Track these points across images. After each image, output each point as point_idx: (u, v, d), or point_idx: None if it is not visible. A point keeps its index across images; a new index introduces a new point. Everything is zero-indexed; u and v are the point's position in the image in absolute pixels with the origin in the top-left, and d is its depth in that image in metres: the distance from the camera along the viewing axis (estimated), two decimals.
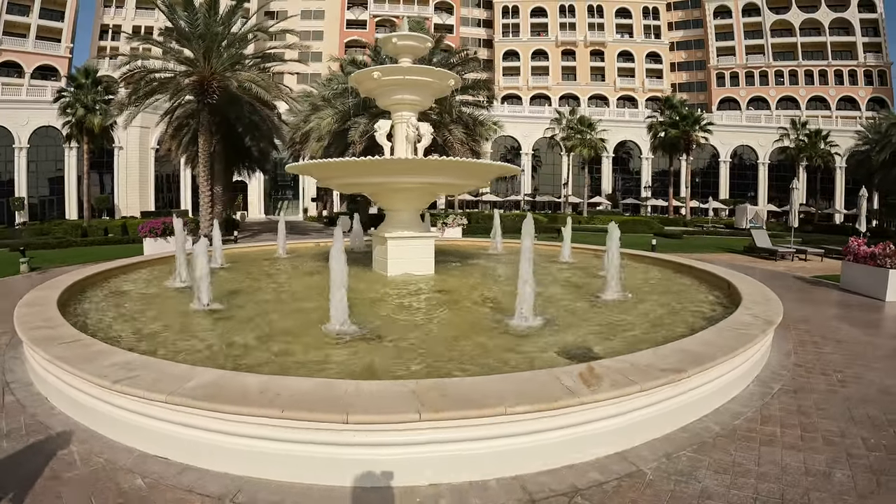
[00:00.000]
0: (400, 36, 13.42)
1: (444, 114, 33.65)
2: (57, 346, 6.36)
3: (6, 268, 21.87)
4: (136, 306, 10.33)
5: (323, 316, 8.09)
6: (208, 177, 35.02)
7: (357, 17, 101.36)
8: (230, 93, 33.75)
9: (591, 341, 7.36)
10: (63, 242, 33.57)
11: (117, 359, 5.75)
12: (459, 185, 14.46)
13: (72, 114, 49.33)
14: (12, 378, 7.40)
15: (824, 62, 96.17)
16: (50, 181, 69.57)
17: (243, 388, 4.87)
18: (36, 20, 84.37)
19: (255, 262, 16.45)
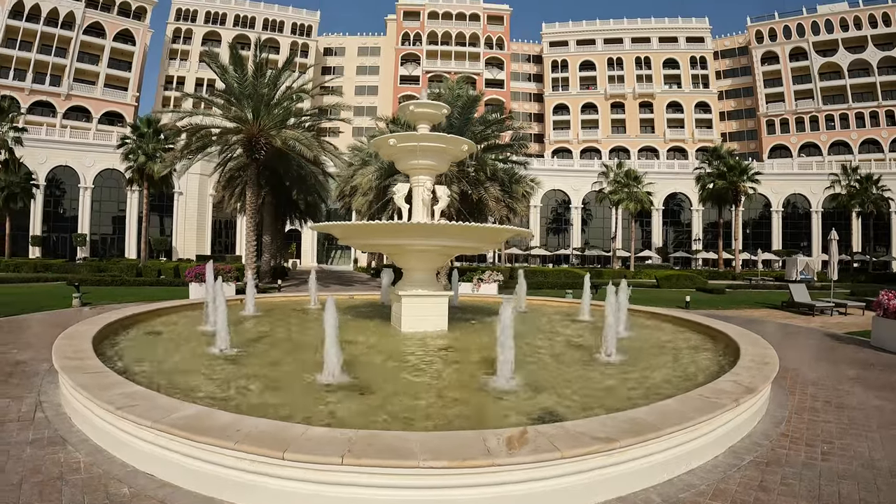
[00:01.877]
0: (417, 104, 14.21)
1: (480, 171, 34.11)
2: (81, 375, 7.52)
3: (61, 301, 23.49)
4: (162, 346, 11.43)
5: (320, 367, 8.66)
6: (255, 228, 36.36)
7: (410, 72, 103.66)
8: (277, 149, 35.10)
9: (561, 404, 7.59)
10: (117, 280, 34.98)
11: (126, 390, 6.85)
12: (472, 247, 14.95)
13: (134, 160, 52.10)
14: (45, 398, 8.67)
15: (874, 103, 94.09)
16: (112, 220, 73.61)
17: (215, 422, 5.70)
18: (105, 69, 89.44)
19: (285, 312, 16.98)
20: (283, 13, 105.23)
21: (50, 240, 71.31)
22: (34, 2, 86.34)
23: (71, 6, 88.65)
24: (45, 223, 71.24)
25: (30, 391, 9.24)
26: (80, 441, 6.88)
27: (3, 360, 11.72)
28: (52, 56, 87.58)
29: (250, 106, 34.49)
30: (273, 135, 34.34)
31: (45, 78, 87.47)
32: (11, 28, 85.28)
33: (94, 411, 6.83)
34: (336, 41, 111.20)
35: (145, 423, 5.79)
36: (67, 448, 6.68)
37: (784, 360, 11.09)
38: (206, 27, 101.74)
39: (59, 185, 72.64)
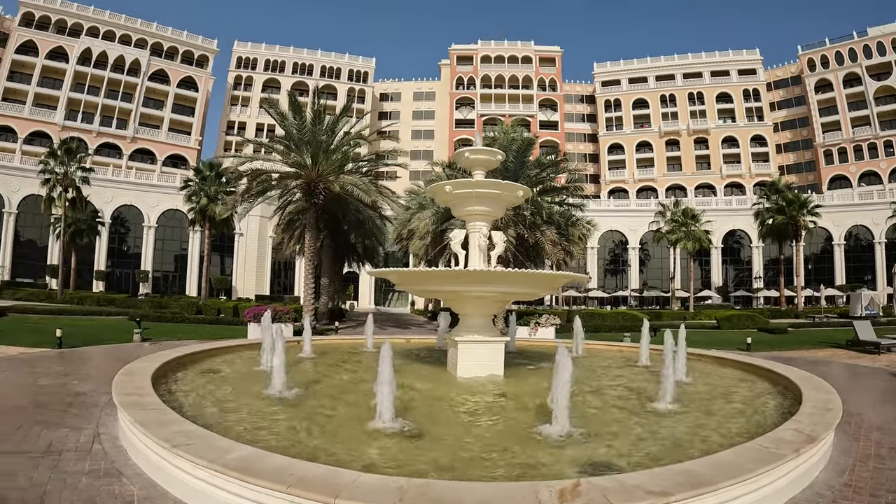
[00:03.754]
0: (472, 151, 14.42)
1: (536, 215, 34.06)
2: (140, 411, 7.79)
3: (122, 335, 24.33)
4: (219, 385, 11.69)
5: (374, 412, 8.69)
6: (313, 270, 36.93)
7: (465, 116, 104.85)
8: (336, 193, 35.58)
9: (615, 455, 7.45)
10: (177, 318, 35.94)
11: (182, 428, 7.06)
12: (529, 293, 14.88)
13: (196, 202, 54.20)
14: (104, 431, 8.97)
15: None
16: (174, 258, 76.83)
17: (268, 464, 5.80)
18: (169, 114, 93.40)
19: (341, 355, 17.07)
20: (339, 60, 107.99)
21: (113, 275, 74.47)
22: (101, 49, 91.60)
23: (136, 54, 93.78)
24: (109, 259, 74.51)
25: (89, 422, 9.59)
26: (135, 474, 7.08)
27: (65, 390, 12.25)
28: (119, 101, 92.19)
29: (309, 152, 35.31)
30: (332, 180, 34.96)
31: (111, 121, 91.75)
32: (80, 73, 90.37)
33: (150, 447, 7.04)
34: (392, 86, 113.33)
35: (200, 461, 5.94)
36: (122, 480, 6.88)
37: (848, 403, 10.68)
38: (266, 74, 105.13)
39: (124, 223, 76.13)
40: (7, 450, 7.99)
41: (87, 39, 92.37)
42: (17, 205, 71.69)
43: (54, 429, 9.15)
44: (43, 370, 15.00)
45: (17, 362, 16.31)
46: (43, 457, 7.70)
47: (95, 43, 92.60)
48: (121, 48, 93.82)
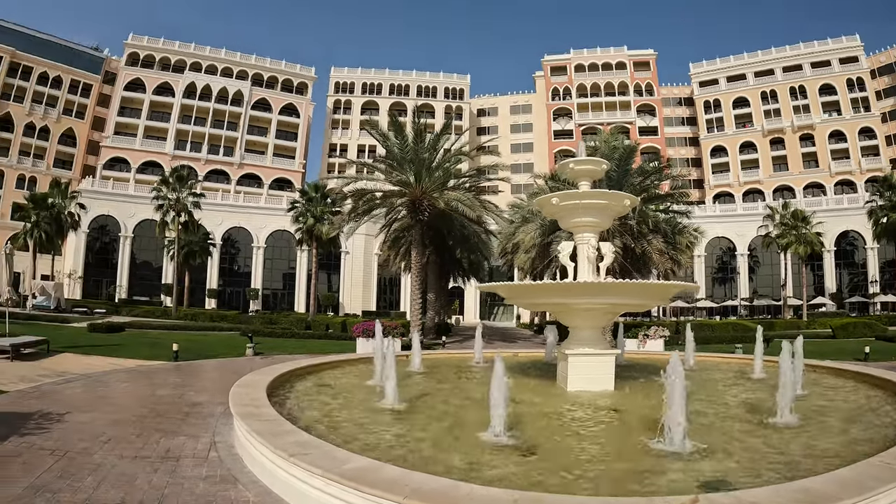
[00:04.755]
0: (577, 161, 14.27)
1: (642, 224, 33.47)
2: (256, 421, 8.01)
3: (234, 349, 25.30)
4: (331, 398, 11.93)
5: (485, 425, 8.62)
6: (420, 286, 37.24)
7: (563, 127, 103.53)
8: (440, 210, 35.85)
9: (731, 471, 7.18)
10: (287, 333, 36.73)
11: (298, 438, 7.21)
12: (638, 304, 14.53)
13: (303, 222, 55.80)
14: (220, 439, 9.33)
15: None
16: (283, 276, 79.31)
17: (384, 475, 5.82)
18: (273, 140, 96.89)
19: (450, 369, 17.13)
20: (434, 79, 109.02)
21: (225, 293, 77.81)
22: (205, 83, 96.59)
23: (239, 85, 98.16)
24: (220, 278, 77.96)
25: (205, 431, 10.01)
26: (251, 482, 7.29)
27: (182, 401, 12.83)
28: (225, 130, 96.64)
29: (412, 170, 35.83)
30: (435, 196, 35.35)
31: (219, 149, 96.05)
32: (186, 106, 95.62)
33: (266, 455, 7.21)
34: (488, 102, 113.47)
35: (317, 471, 6.02)
36: (238, 487, 7.10)
37: None
38: (364, 97, 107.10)
39: (234, 244, 79.80)
40: (128, 455, 8.40)
41: (190, 74, 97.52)
42: (132, 229, 76.40)
43: (172, 436, 9.60)
44: (161, 381, 15.73)
45: (137, 374, 17.17)
46: (161, 462, 8.06)
47: (199, 77, 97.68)
48: (223, 80, 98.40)
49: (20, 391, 13.30)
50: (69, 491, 6.76)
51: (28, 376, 15.56)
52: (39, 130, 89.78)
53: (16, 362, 18.21)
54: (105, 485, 7.02)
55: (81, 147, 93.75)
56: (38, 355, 20.30)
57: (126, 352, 23.14)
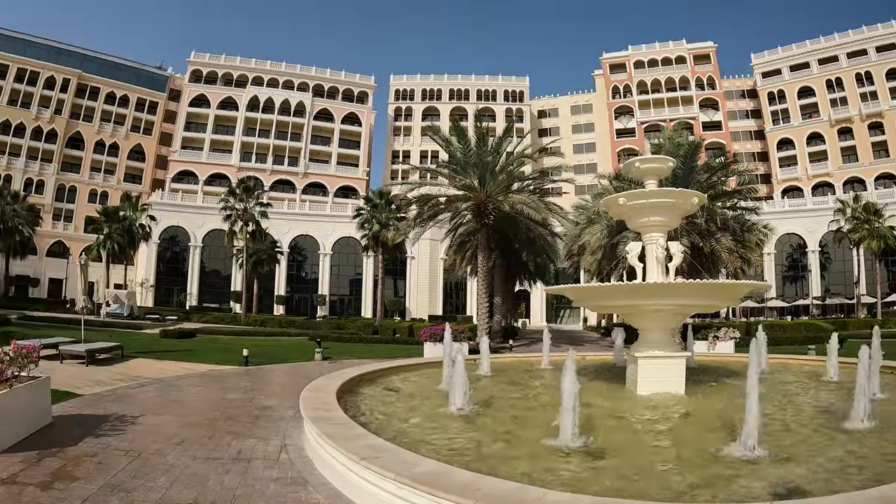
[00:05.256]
0: (642, 160, 13.97)
1: (710, 222, 32.70)
2: (328, 425, 8.08)
3: (303, 354, 25.66)
4: (400, 402, 11.99)
5: (554, 429, 8.49)
6: (487, 290, 37.03)
7: (625, 125, 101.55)
8: (505, 213, 35.61)
9: (805, 477, 6.90)
10: (355, 338, 37.22)
11: (369, 442, 7.24)
12: (708, 305, 14.13)
13: (368, 229, 56.05)
14: (290, 442, 9.48)
15: None
16: (349, 282, 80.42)
17: (455, 479, 5.78)
18: (336, 149, 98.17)
19: (518, 373, 16.93)
20: (493, 82, 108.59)
21: (293, 299, 78.99)
22: (267, 96, 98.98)
23: (300, 97, 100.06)
24: (288, 284, 79.38)
25: (276, 434, 10.15)
26: (321, 484, 7.36)
27: (253, 404, 13.03)
28: (289, 140, 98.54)
29: (476, 174, 35.75)
30: (500, 200, 35.14)
31: (283, 159, 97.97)
32: (250, 119, 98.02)
33: (337, 458, 7.24)
34: (548, 103, 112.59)
35: (388, 474, 6.02)
36: (308, 489, 7.17)
37: None
38: (424, 103, 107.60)
39: (301, 252, 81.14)
40: (200, 456, 8.56)
41: (252, 88, 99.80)
42: (202, 239, 78.81)
43: (243, 439, 9.75)
44: (232, 385, 16.04)
45: (208, 378, 17.49)
46: (233, 464, 8.21)
47: (261, 90, 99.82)
48: (285, 93, 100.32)
49: (95, 394, 13.65)
50: (143, 490, 6.91)
51: (103, 380, 15.99)
52: (109, 147, 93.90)
53: (91, 367, 18.75)
54: (178, 485, 7.15)
55: (150, 162, 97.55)
56: (113, 360, 20.87)
57: (197, 357, 23.63)
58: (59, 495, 6.67)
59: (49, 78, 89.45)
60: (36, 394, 9.76)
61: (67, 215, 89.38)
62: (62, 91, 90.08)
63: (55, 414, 10.58)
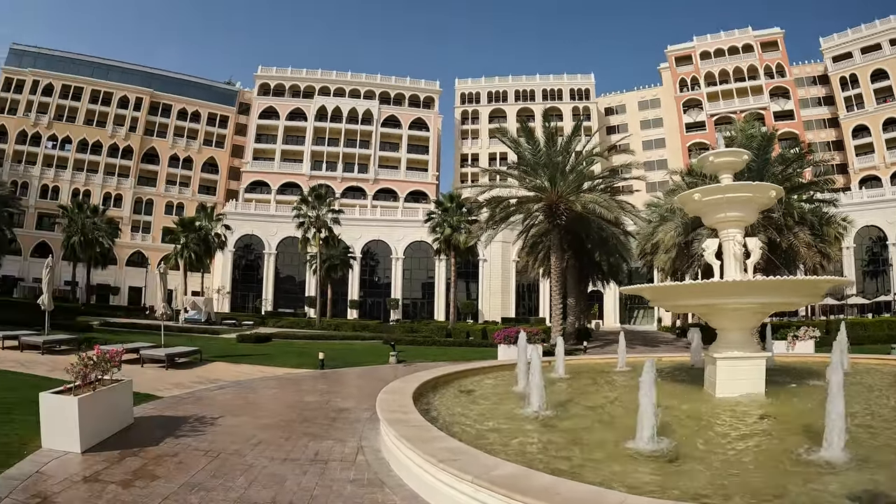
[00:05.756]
0: (716, 154, 13.61)
1: (787, 216, 31.70)
2: (405, 427, 8.07)
3: (377, 357, 25.98)
4: (475, 404, 11.89)
5: (632, 433, 8.33)
6: (560, 291, 36.68)
7: (694, 119, 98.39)
8: (577, 213, 35.17)
9: (892, 484, 6.58)
10: (428, 341, 37.59)
11: (446, 444, 7.17)
12: (789, 303, 13.60)
13: (440, 232, 56.89)
14: (367, 444, 9.55)
15: None
16: (421, 286, 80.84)
17: (533, 482, 5.67)
18: (405, 154, 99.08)
19: (593, 375, 16.71)
20: (559, 81, 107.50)
21: (366, 303, 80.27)
22: (335, 105, 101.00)
23: (367, 105, 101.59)
24: (361, 289, 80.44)
25: (352, 436, 10.25)
26: (397, 485, 7.38)
27: (329, 406, 13.18)
28: (357, 148, 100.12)
29: (546, 174, 35.39)
30: (572, 200, 34.71)
31: (353, 167, 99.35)
32: (319, 129, 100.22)
33: (413, 460, 7.23)
34: (615, 100, 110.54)
35: (466, 477, 5.95)
36: (385, 490, 7.20)
37: None
38: (490, 106, 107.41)
39: (373, 257, 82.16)
40: (278, 457, 8.69)
41: (320, 98, 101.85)
42: (275, 246, 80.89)
43: (320, 440, 9.88)
44: (308, 388, 16.25)
45: (285, 381, 17.79)
46: (310, 465, 8.31)
47: (328, 100, 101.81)
48: (352, 101, 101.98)
49: (175, 396, 14.02)
50: (222, 490, 7.04)
51: (182, 383, 16.43)
52: (183, 161, 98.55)
53: (171, 370, 19.31)
54: (256, 485, 7.26)
55: (223, 173, 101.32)
56: (192, 364, 21.43)
57: (274, 360, 24.13)
58: (139, 493, 6.87)
59: (122, 98, 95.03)
60: (118, 396, 10.07)
61: (145, 227, 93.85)
62: (135, 109, 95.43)
63: (137, 415, 10.90)
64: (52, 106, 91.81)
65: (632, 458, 7.69)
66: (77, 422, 8.53)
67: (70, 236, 68.23)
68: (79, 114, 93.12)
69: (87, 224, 68.55)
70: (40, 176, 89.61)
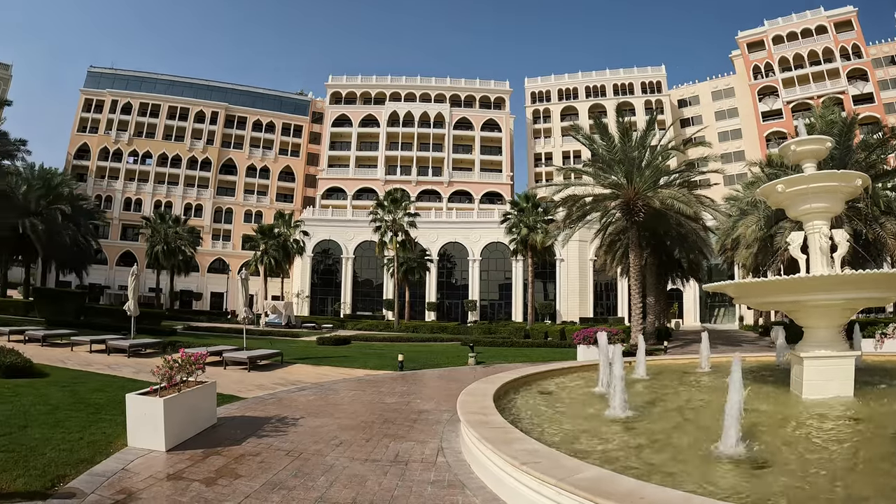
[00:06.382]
0: (798, 142, 13.08)
1: (873, 206, 30.37)
2: (486, 429, 8.00)
3: (455, 359, 26.02)
4: (556, 406, 11.75)
5: (716, 436, 8.08)
6: (639, 290, 36.00)
7: (770, 107, 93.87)
8: (654, 209, 34.48)
9: None
10: (507, 342, 37.30)
11: (527, 446, 7.08)
12: (880, 298, 12.91)
13: (516, 233, 56.75)
14: (447, 445, 9.57)
15: None
16: (498, 287, 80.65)
17: (618, 486, 5.53)
18: (478, 156, 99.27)
19: (675, 376, 16.35)
20: (629, 75, 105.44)
21: (443, 305, 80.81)
22: (406, 110, 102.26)
23: (438, 108, 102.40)
24: (438, 291, 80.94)
25: (432, 437, 10.26)
26: (478, 487, 7.33)
27: (409, 408, 13.24)
28: (431, 151, 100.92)
29: (622, 171, 34.80)
30: (649, 196, 33.99)
31: (427, 170, 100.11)
32: (391, 134, 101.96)
33: (494, 462, 7.17)
34: (687, 91, 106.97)
35: (549, 480, 5.85)
36: (465, 492, 7.17)
37: None
38: (561, 104, 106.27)
39: (450, 259, 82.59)
40: (359, 458, 8.78)
41: (391, 104, 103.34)
42: (353, 250, 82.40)
43: (400, 441, 9.93)
44: (387, 390, 16.32)
45: (364, 383, 17.91)
46: (391, 466, 8.36)
47: (399, 106, 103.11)
48: (423, 106, 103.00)
49: (257, 398, 14.32)
50: (303, 489, 7.15)
51: (264, 385, 16.77)
52: (260, 170, 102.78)
53: (253, 372, 19.69)
54: (337, 485, 7.35)
55: (299, 181, 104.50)
56: (273, 366, 21.83)
57: (353, 362, 24.40)
58: (222, 491, 7.03)
59: (198, 112, 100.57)
60: (202, 397, 10.38)
61: (225, 235, 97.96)
62: (212, 123, 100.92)
63: (220, 415, 11.20)
64: (132, 123, 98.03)
65: (717, 463, 7.45)
66: (162, 422, 8.84)
67: (153, 245, 71.83)
68: (157, 129, 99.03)
69: (169, 234, 72.03)
70: (123, 189, 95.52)
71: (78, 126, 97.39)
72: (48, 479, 7.19)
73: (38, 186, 59.02)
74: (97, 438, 9.34)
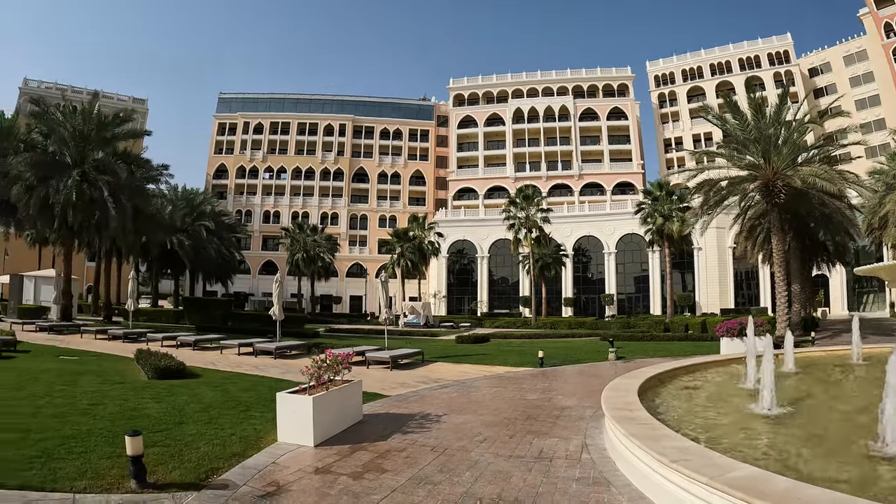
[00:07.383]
0: None
1: None
2: (632, 425, 7.76)
3: (594, 355, 25.81)
4: (701, 401, 11.33)
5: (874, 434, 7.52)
6: (784, 276, 34.28)
7: None
8: (795, 189, 32.63)
9: None
10: (646, 336, 36.94)
11: (676, 443, 6.78)
12: None
13: (652, 223, 55.95)
14: (590, 441, 9.45)
15: None
16: (634, 280, 79.21)
17: (772, 486, 5.18)
18: (606, 146, 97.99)
19: (826, 368, 15.63)
20: (754, 47, 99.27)
21: (580, 300, 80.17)
22: (530, 106, 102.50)
23: (562, 101, 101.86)
24: (575, 286, 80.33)
25: (576, 434, 10.13)
26: (623, 485, 7.16)
27: (551, 404, 13.13)
28: (558, 146, 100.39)
29: (758, 150, 33.24)
30: (789, 175, 32.18)
31: (556, 164, 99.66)
32: (517, 131, 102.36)
33: (641, 459, 6.98)
34: (816, 59, 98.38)
35: (700, 478, 5.57)
36: (611, 490, 7.02)
37: None
38: (686, 85, 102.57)
39: (585, 252, 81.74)
40: (503, 454, 8.77)
41: (514, 101, 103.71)
42: (487, 249, 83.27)
43: (544, 438, 9.87)
44: (528, 387, 16.26)
45: (505, 380, 17.94)
46: (535, 462, 8.31)
47: (522, 102, 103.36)
48: (546, 100, 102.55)
49: (400, 395, 14.62)
50: (448, 484, 7.22)
51: (406, 382, 17.10)
52: (391, 176, 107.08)
53: (395, 371, 20.16)
54: (482, 480, 7.37)
55: (430, 184, 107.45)
56: (414, 365, 22.25)
57: (493, 360, 24.48)
58: (369, 485, 7.20)
59: (327, 126, 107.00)
60: (348, 394, 10.72)
61: (361, 240, 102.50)
62: (340, 135, 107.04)
63: (365, 412, 11.49)
64: (265, 141, 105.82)
65: (874, 461, 6.93)
66: (311, 418, 9.19)
67: (294, 254, 76.14)
68: (289, 145, 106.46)
69: (308, 242, 75.92)
70: (261, 203, 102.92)
71: (214, 149, 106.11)
72: (202, 472, 7.61)
73: (182, 206, 64.26)
74: (248, 434, 9.82)
